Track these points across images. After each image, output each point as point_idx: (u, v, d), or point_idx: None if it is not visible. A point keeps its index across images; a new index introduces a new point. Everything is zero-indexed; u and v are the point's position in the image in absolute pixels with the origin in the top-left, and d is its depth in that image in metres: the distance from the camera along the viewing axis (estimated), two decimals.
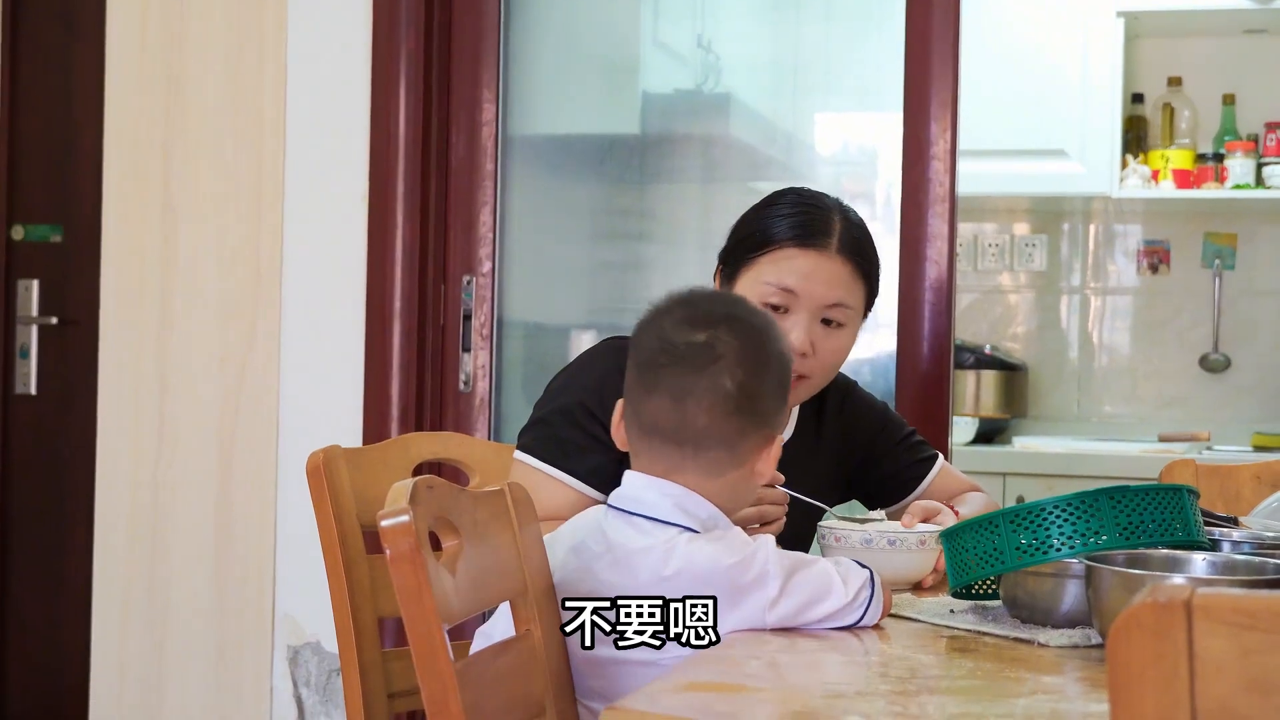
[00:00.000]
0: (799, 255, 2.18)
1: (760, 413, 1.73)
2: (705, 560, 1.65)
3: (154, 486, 3.31)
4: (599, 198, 3.40)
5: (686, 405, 1.70)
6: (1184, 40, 4.69)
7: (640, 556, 1.67)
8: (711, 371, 1.70)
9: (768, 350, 1.75)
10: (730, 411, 1.70)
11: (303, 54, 3.26)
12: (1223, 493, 2.56)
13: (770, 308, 2.16)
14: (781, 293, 2.17)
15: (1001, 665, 1.52)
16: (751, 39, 3.38)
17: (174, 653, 3.29)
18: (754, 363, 1.72)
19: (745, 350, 1.72)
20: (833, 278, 2.19)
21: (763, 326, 1.78)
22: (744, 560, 1.65)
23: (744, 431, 1.72)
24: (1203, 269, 4.67)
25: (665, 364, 1.72)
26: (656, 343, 1.74)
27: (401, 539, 1.40)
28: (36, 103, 3.94)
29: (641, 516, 1.71)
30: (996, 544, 1.68)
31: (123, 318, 3.33)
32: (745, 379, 1.71)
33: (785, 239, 2.19)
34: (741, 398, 1.71)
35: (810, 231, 2.19)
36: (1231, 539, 1.85)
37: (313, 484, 1.98)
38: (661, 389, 1.72)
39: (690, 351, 1.72)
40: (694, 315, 1.75)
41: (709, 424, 1.70)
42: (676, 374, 1.71)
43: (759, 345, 1.74)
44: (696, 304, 1.78)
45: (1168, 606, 0.92)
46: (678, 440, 1.71)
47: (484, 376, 3.25)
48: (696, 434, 1.70)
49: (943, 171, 3.04)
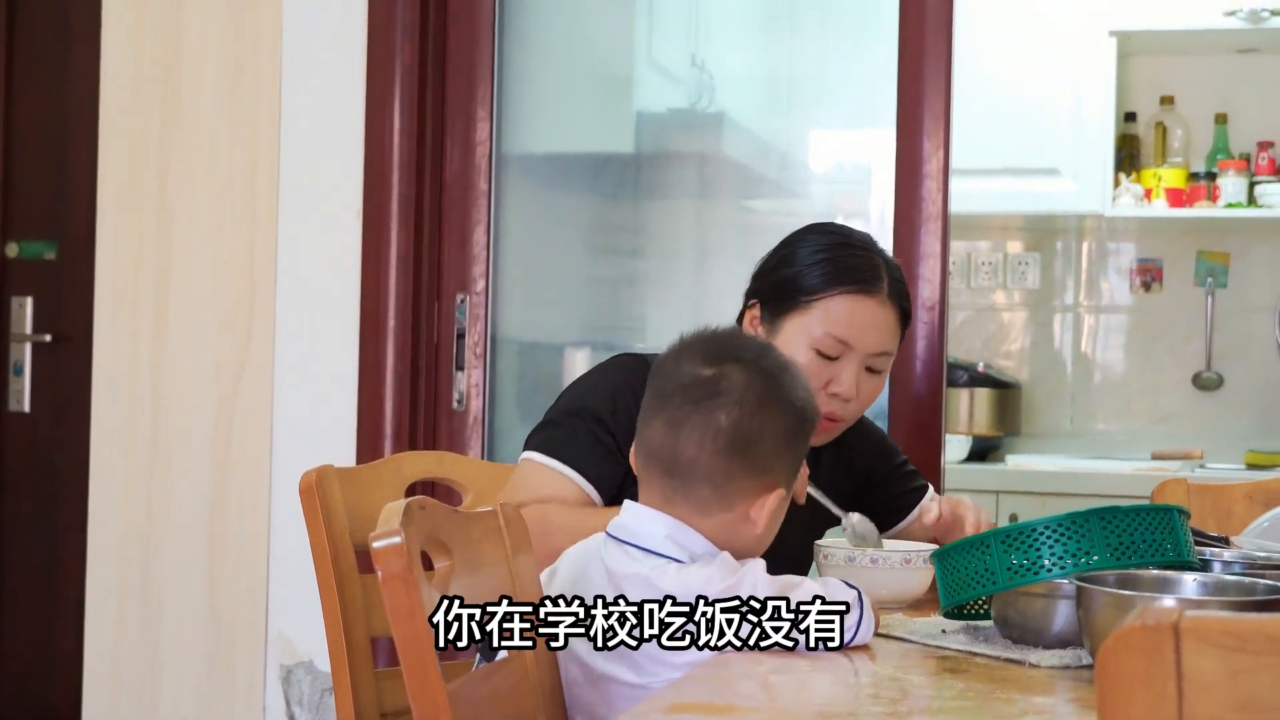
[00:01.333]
0: (854, 303, 2.18)
1: (756, 456, 1.70)
2: (698, 583, 1.65)
3: (147, 504, 3.31)
4: (593, 215, 3.41)
5: (679, 434, 1.70)
6: (1176, 59, 4.70)
7: (630, 581, 1.67)
8: (708, 406, 1.69)
9: (775, 396, 1.72)
10: (721, 448, 1.68)
11: (298, 70, 3.27)
12: (1215, 511, 2.56)
13: (820, 355, 2.16)
14: (835, 343, 2.17)
15: (993, 686, 1.52)
16: (745, 57, 3.39)
17: (167, 670, 3.29)
18: (755, 404, 1.70)
19: (749, 390, 1.70)
20: (884, 326, 2.20)
21: (776, 372, 1.74)
22: (735, 584, 1.64)
23: (733, 473, 1.69)
24: (1195, 287, 4.67)
25: (670, 393, 1.72)
26: (668, 372, 1.74)
27: (394, 559, 1.40)
28: (31, 118, 3.95)
29: (634, 546, 1.70)
30: (988, 564, 1.69)
31: (116, 334, 3.33)
32: (741, 418, 1.69)
33: (837, 285, 2.18)
34: (734, 436, 1.68)
35: (863, 277, 2.19)
36: (1223, 559, 1.86)
37: (305, 503, 1.98)
38: (663, 417, 1.72)
39: (695, 384, 1.71)
40: (710, 351, 1.74)
41: (696, 457, 1.69)
42: (677, 403, 1.71)
43: (765, 389, 1.71)
44: (717, 340, 1.77)
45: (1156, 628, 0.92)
46: (669, 471, 1.71)
47: (478, 395, 3.25)
48: (684, 466, 1.69)
49: (936, 190, 3.04)
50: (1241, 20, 4.36)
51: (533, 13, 3.34)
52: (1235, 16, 4.36)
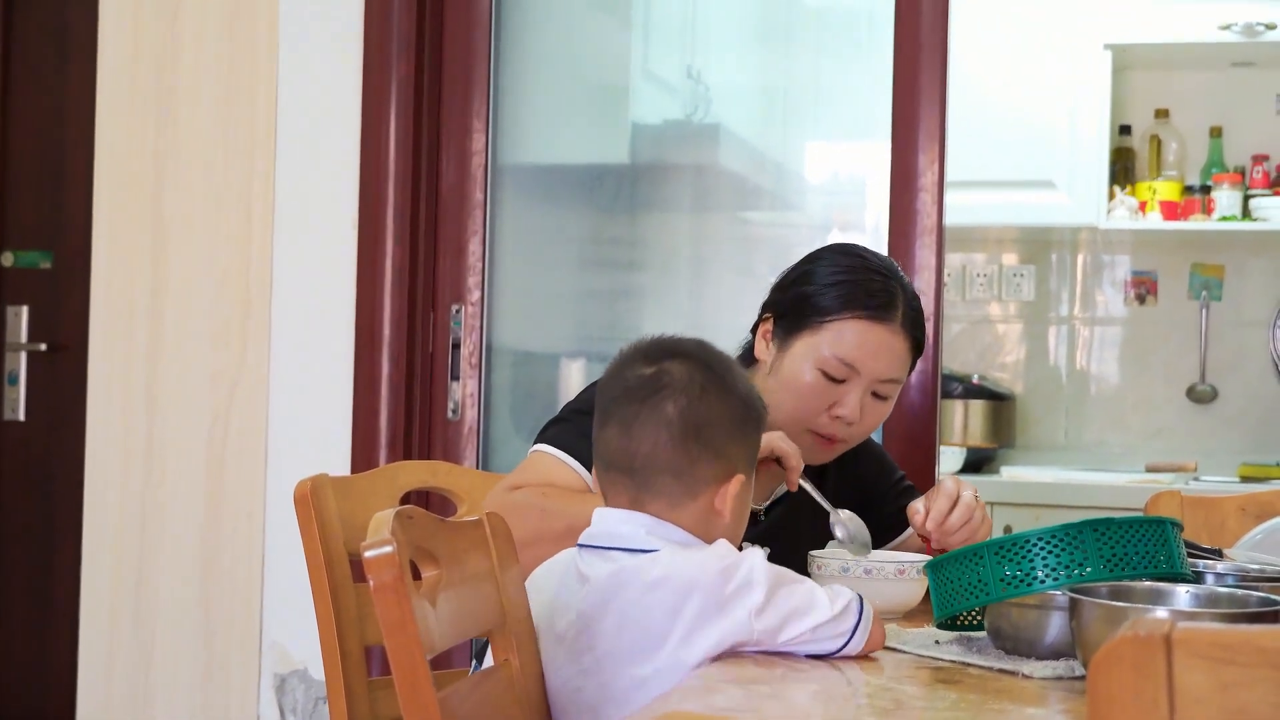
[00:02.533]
0: (866, 329, 2.17)
1: (710, 441, 1.73)
2: (694, 564, 1.66)
3: (142, 513, 3.31)
4: (588, 227, 3.41)
5: (632, 434, 1.73)
6: (1172, 73, 4.71)
7: (624, 574, 1.68)
8: (654, 400, 1.73)
9: (718, 383, 1.76)
10: (674, 438, 1.72)
11: (294, 80, 3.27)
12: (1208, 524, 2.56)
13: (826, 377, 2.17)
14: (843, 366, 2.17)
15: (986, 697, 1.53)
16: (741, 69, 3.39)
17: (161, 677, 3.28)
18: (699, 392, 1.73)
19: (691, 379, 1.74)
20: (893, 354, 2.19)
21: (714, 363, 1.78)
22: (731, 565, 1.65)
23: (693, 460, 1.72)
24: (1190, 300, 4.68)
25: (616, 398, 1.76)
26: (612, 382, 1.78)
27: (385, 569, 1.40)
28: (28, 128, 3.95)
29: (616, 549, 1.71)
30: (981, 575, 1.69)
31: (112, 343, 3.33)
32: (689, 405, 1.72)
33: (852, 310, 2.18)
34: (685, 424, 1.72)
35: (878, 304, 2.18)
36: (1215, 571, 1.86)
37: (300, 512, 1.98)
38: (614, 421, 1.75)
39: (638, 384, 1.74)
40: (648, 352, 1.78)
41: (653, 451, 1.72)
42: (625, 405, 1.74)
43: (706, 378, 1.75)
44: (652, 343, 1.80)
45: (1147, 640, 0.92)
46: (629, 470, 1.74)
47: (473, 405, 3.25)
48: (643, 462, 1.72)
49: (930, 202, 3.05)
50: (1236, 34, 4.37)
51: (528, 24, 3.35)
52: (1230, 30, 4.37)
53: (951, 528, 2.08)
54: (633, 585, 1.66)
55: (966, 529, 2.09)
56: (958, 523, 2.08)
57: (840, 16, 3.34)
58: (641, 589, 1.65)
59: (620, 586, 1.67)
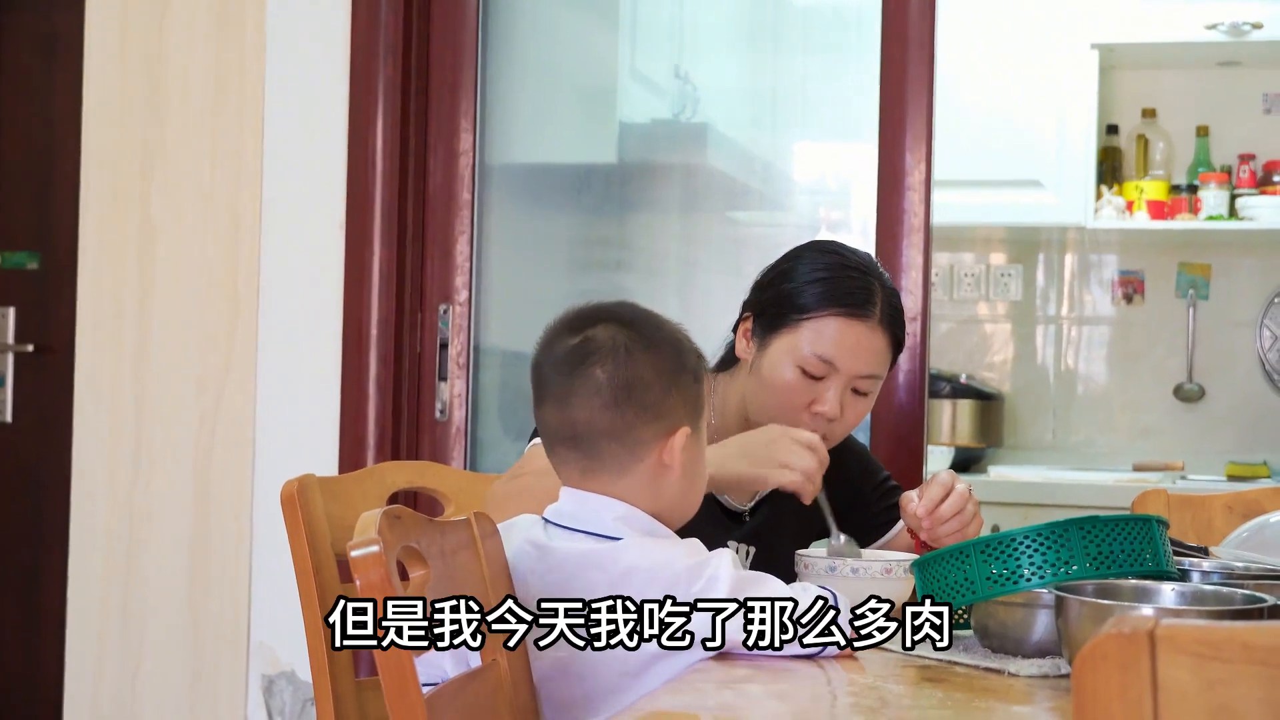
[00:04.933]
0: (843, 326, 2.17)
1: (645, 399, 1.73)
2: (661, 558, 1.66)
3: (129, 513, 3.30)
4: (576, 227, 3.41)
5: (568, 405, 1.73)
6: (1158, 72, 4.72)
7: (592, 557, 1.68)
8: (583, 370, 1.73)
9: (643, 339, 1.75)
10: (607, 402, 1.72)
11: (281, 81, 3.27)
12: (1194, 523, 2.57)
13: (805, 374, 2.17)
14: (821, 363, 2.17)
15: (972, 695, 1.53)
16: (729, 69, 3.39)
17: (148, 680, 3.28)
18: (625, 352, 1.73)
19: (615, 341, 1.74)
20: (872, 351, 2.19)
21: (636, 320, 1.78)
22: (699, 564, 1.65)
23: (630, 422, 1.72)
24: (1177, 299, 4.69)
25: (548, 373, 1.76)
26: (542, 353, 1.78)
27: (371, 568, 1.40)
28: (14, 130, 3.95)
29: (582, 532, 1.72)
30: (967, 574, 1.69)
31: (99, 344, 3.33)
32: (616, 369, 1.72)
33: (829, 307, 2.18)
34: (615, 387, 1.72)
35: (855, 301, 2.18)
36: (1201, 569, 1.86)
37: (287, 513, 1.98)
38: (549, 396, 1.76)
39: (566, 355, 1.75)
40: (572, 322, 1.78)
41: (589, 418, 1.72)
42: (557, 378, 1.75)
43: (630, 336, 1.75)
44: (577, 313, 1.80)
45: (1132, 637, 0.93)
46: (571, 442, 1.74)
47: (460, 405, 3.25)
48: (583, 430, 1.73)
49: (918, 202, 3.05)
50: (1223, 34, 4.38)
51: (515, 24, 3.34)
52: (1217, 30, 4.38)
53: (943, 515, 2.08)
54: (599, 571, 1.67)
55: (958, 520, 2.09)
56: (949, 511, 2.08)
57: (828, 16, 3.34)
58: (607, 577, 1.65)
59: (586, 568, 1.67)
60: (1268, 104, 4.66)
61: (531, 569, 1.71)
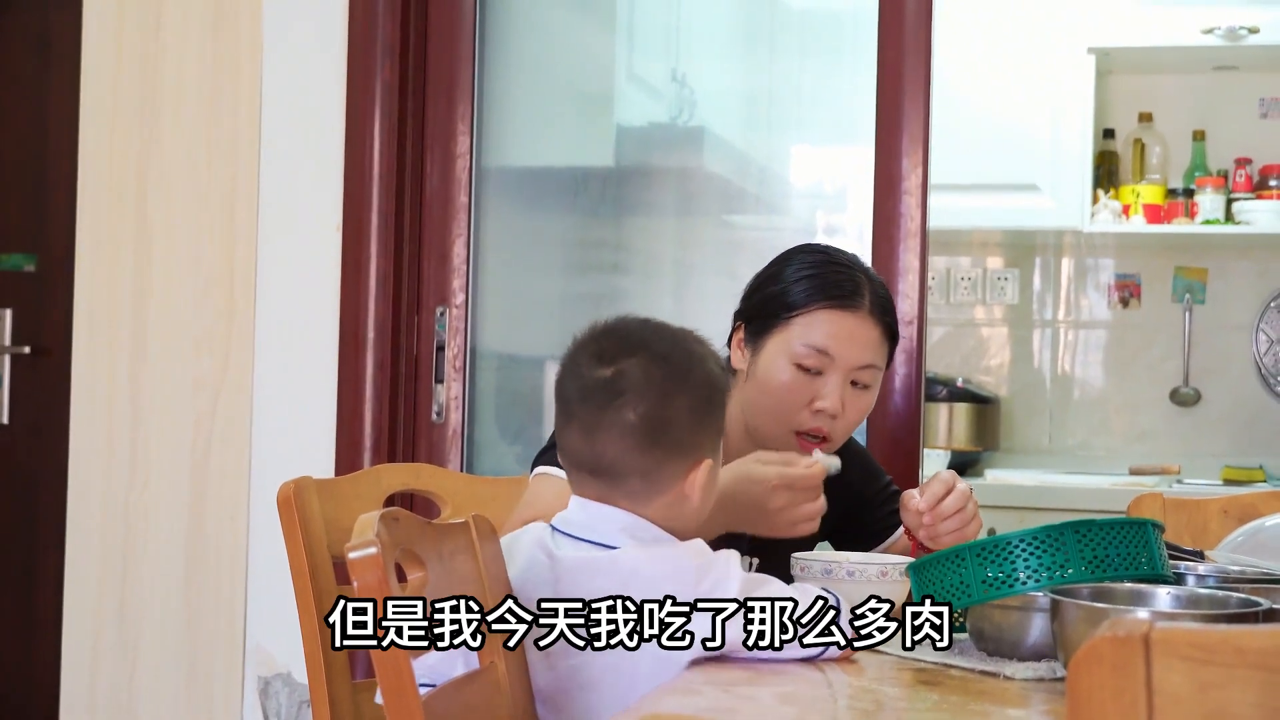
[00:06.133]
0: (833, 317, 2.17)
1: (674, 440, 1.73)
2: (669, 561, 1.66)
3: (125, 516, 3.30)
4: (573, 230, 3.41)
5: (596, 439, 1.73)
6: (1155, 77, 4.73)
7: (597, 563, 1.69)
8: (615, 406, 1.71)
9: (676, 380, 1.74)
10: (638, 443, 1.71)
11: (277, 84, 3.27)
12: (1190, 526, 2.57)
13: (802, 370, 2.16)
14: (816, 355, 2.16)
15: (967, 698, 1.53)
16: (726, 73, 3.39)
17: (144, 681, 3.28)
18: (660, 393, 1.72)
19: (650, 382, 1.72)
20: (865, 339, 2.18)
21: (673, 355, 1.76)
22: (706, 564, 1.66)
23: (659, 462, 1.72)
24: (1173, 303, 4.69)
25: (576, 399, 1.75)
26: (570, 378, 1.77)
27: (369, 570, 1.40)
28: (10, 130, 3.95)
29: (588, 541, 1.72)
30: (963, 577, 1.69)
31: (95, 346, 3.33)
32: (649, 411, 1.71)
33: (817, 300, 2.18)
34: (648, 430, 1.71)
35: (843, 291, 2.18)
36: (1197, 573, 1.86)
37: (283, 515, 1.98)
38: (574, 424, 1.75)
39: (597, 386, 1.73)
40: (603, 349, 1.76)
41: (618, 457, 1.72)
42: (585, 409, 1.74)
43: (665, 375, 1.74)
44: (609, 337, 1.79)
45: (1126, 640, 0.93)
46: (595, 473, 1.74)
47: (457, 408, 3.25)
48: (608, 467, 1.72)
49: (914, 206, 3.05)
50: (1219, 38, 4.38)
51: (513, 27, 3.35)
52: (1213, 34, 4.38)
53: (945, 512, 2.08)
54: (607, 574, 1.67)
55: (959, 517, 2.09)
56: (951, 509, 2.08)
57: (824, 20, 3.34)
58: (614, 582, 1.65)
59: (594, 573, 1.68)
60: (1264, 108, 4.67)
61: (543, 577, 1.71)
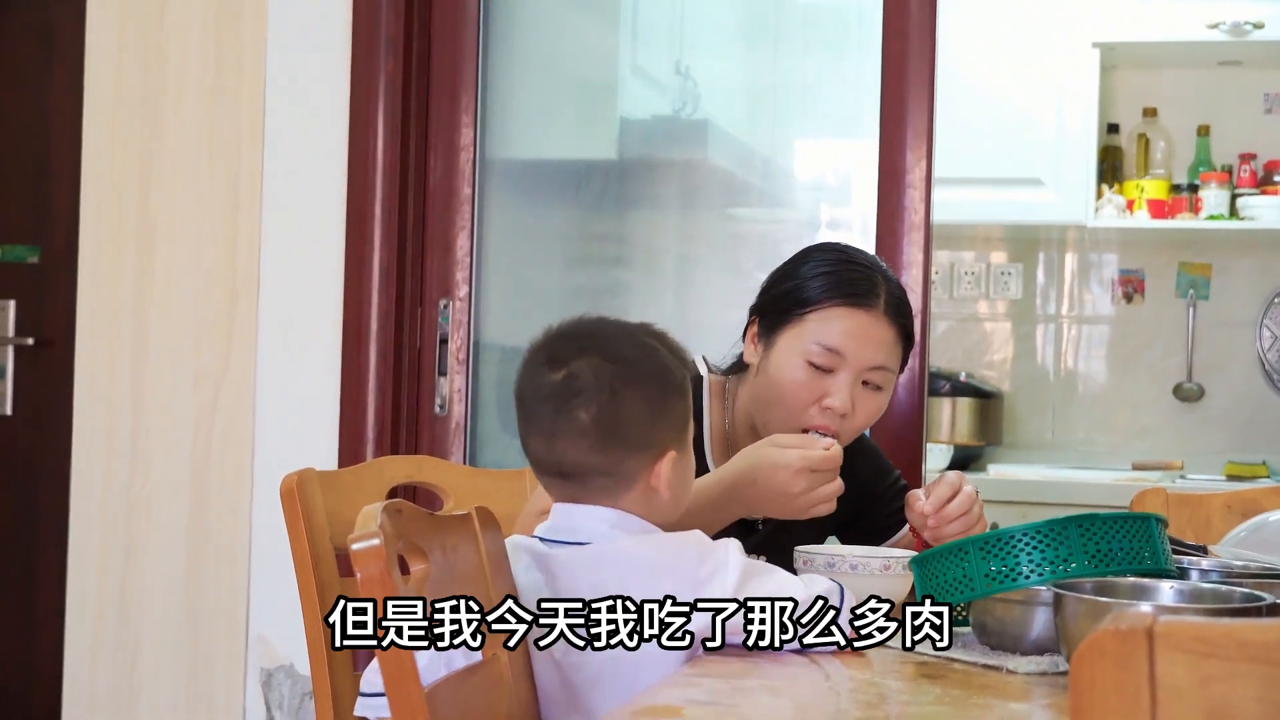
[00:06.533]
0: (847, 315, 2.16)
1: (628, 438, 1.72)
2: (669, 547, 1.67)
3: (127, 507, 3.30)
4: (576, 222, 3.41)
5: (555, 445, 1.73)
6: (1159, 72, 4.72)
7: (599, 556, 1.69)
8: (568, 409, 1.71)
9: (626, 377, 1.73)
10: (595, 444, 1.71)
11: (281, 76, 3.27)
12: (1193, 521, 2.57)
13: (813, 367, 2.16)
14: (827, 353, 2.15)
15: (969, 692, 1.53)
16: (730, 66, 3.39)
17: (146, 673, 3.28)
18: (610, 392, 1.71)
19: (600, 380, 1.72)
20: (879, 339, 2.18)
21: (623, 353, 1.75)
22: (706, 550, 1.67)
23: (619, 459, 1.72)
24: (1177, 299, 4.69)
25: (532, 405, 1.75)
26: (526, 384, 1.77)
27: (372, 562, 1.40)
28: (14, 123, 3.95)
29: (579, 544, 1.72)
30: (966, 570, 1.69)
31: (98, 338, 3.33)
32: (601, 410, 1.71)
33: (832, 298, 2.17)
34: (602, 429, 1.71)
35: (858, 290, 2.17)
36: (1200, 568, 1.86)
37: (286, 506, 1.98)
38: (534, 430, 1.75)
39: (550, 392, 1.73)
40: (555, 352, 1.76)
41: (579, 459, 1.72)
42: (543, 414, 1.74)
43: (616, 372, 1.73)
44: (560, 339, 1.78)
45: (1129, 634, 0.93)
46: (560, 476, 1.75)
47: (460, 400, 3.25)
48: (571, 469, 1.73)
49: (918, 199, 3.05)
50: (1224, 33, 4.38)
51: (516, 19, 3.34)
52: (1218, 29, 4.38)
53: (949, 515, 2.08)
54: (606, 564, 1.67)
55: (963, 520, 2.09)
56: (956, 511, 2.09)
57: (829, 13, 3.34)
58: (616, 568, 1.66)
59: (594, 567, 1.68)
60: (1269, 104, 4.66)
61: (537, 586, 1.71)
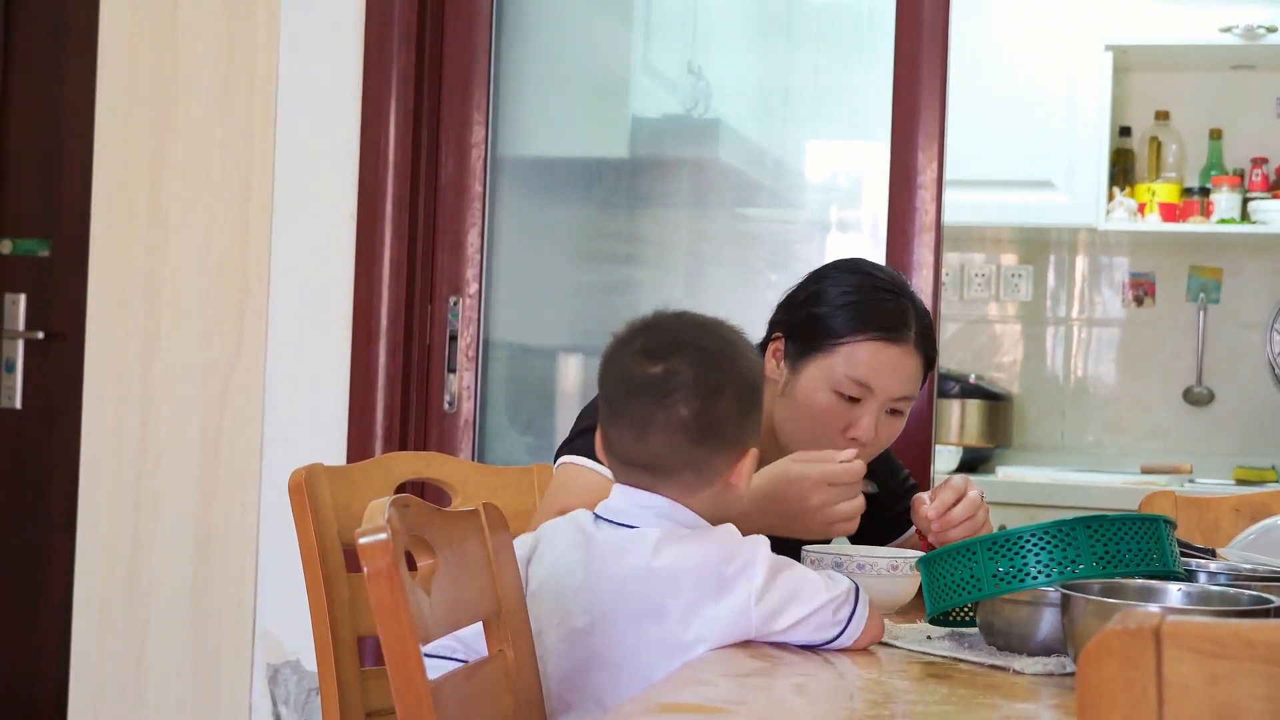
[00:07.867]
0: (879, 350, 2.17)
1: (723, 435, 1.76)
2: (696, 553, 1.69)
3: (136, 502, 3.31)
4: (587, 220, 3.41)
5: (648, 437, 1.75)
6: (1172, 75, 4.71)
7: (628, 543, 1.71)
8: (667, 404, 1.74)
9: (724, 375, 1.77)
10: (691, 439, 1.74)
11: (293, 71, 3.27)
12: (1201, 524, 2.56)
13: (841, 397, 2.16)
14: (857, 386, 2.16)
15: (976, 692, 1.53)
16: (742, 65, 3.39)
17: (153, 668, 3.29)
18: (709, 389, 1.75)
19: (700, 378, 1.75)
20: (907, 373, 2.19)
21: (718, 350, 1.79)
22: (734, 547, 1.70)
23: (710, 455, 1.76)
24: (1188, 302, 4.68)
25: (625, 397, 1.77)
26: (617, 375, 1.79)
27: (380, 556, 1.40)
28: (26, 116, 3.95)
29: (625, 526, 1.75)
30: (974, 571, 1.69)
31: (109, 332, 3.33)
32: (701, 407, 1.74)
33: (865, 331, 2.17)
34: (700, 425, 1.74)
35: (890, 324, 2.18)
36: (1208, 570, 1.86)
37: (294, 501, 1.98)
38: (624, 421, 1.77)
39: (647, 384, 1.75)
40: (650, 346, 1.78)
41: (671, 453, 1.74)
42: (636, 407, 1.76)
43: (714, 371, 1.76)
44: (653, 333, 1.80)
45: (1137, 633, 0.92)
46: (646, 468, 1.76)
47: (469, 397, 3.25)
48: (661, 463, 1.75)
49: (929, 201, 3.05)
50: (1237, 36, 4.37)
51: (529, 17, 3.35)
52: (1231, 33, 4.37)
53: (954, 520, 2.09)
54: (636, 554, 1.70)
55: (968, 525, 2.10)
56: (960, 516, 2.09)
57: (841, 14, 3.34)
58: (645, 560, 1.69)
59: (622, 553, 1.71)
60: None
61: (577, 558, 1.75)
